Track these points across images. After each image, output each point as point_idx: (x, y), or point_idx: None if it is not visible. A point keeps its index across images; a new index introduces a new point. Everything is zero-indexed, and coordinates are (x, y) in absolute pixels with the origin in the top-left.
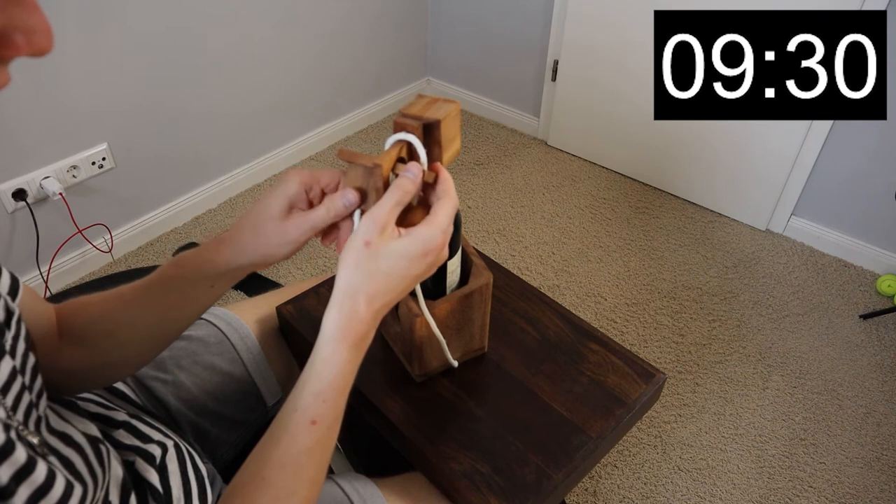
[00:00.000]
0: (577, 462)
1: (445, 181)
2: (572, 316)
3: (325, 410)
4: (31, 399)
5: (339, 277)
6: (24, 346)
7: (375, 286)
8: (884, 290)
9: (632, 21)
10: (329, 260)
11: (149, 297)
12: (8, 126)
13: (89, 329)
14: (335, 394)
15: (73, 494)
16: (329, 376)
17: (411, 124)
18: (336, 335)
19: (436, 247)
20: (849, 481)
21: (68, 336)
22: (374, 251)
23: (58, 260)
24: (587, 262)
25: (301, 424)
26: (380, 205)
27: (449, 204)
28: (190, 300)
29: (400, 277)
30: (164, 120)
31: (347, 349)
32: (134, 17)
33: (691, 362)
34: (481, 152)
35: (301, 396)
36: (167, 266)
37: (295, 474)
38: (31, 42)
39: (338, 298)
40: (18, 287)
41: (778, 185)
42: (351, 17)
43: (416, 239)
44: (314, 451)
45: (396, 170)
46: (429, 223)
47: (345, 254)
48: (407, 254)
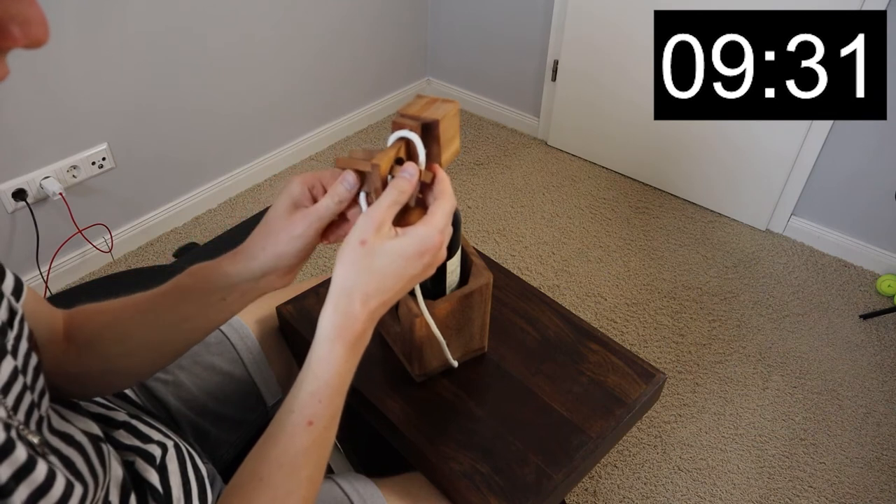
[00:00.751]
0: (577, 462)
1: (442, 181)
2: (572, 316)
3: (321, 410)
4: (33, 399)
5: (335, 276)
6: (26, 346)
7: (371, 285)
8: (884, 290)
9: (632, 21)
10: (329, 260)
11: (162, 306)
12: (8, 126)
13: (99, 335)
14: (331, 393)
15: (74, 494)
16: (325, 376)
17: (410, 124)
18: (331, 335)
19: (433, 246)
20: (849, 481)
21: (77, 341)
22: (369, 249)
23: (58, 260)
24: (587, 262)
25: (298, 425)
26: (377, 204)
27: (446, 204)
28: (202, 312)
29: (396, 277)
30: (164, 120)
31: (343, 348)
32: (134, 17)
33: (691, 362)
34: (481, 152)
35: (297, 396)
36: (182, 276)
37: (292, 474)
38: (27, 33)
39: (333, 297)
40: (22, 288)
41: (778, 185)
42: (351, 17)
43: (413, 238)
44: (311, 451)
45: (394, 172)
46: (426, 223)
47: (341, 252)
48: (403, 253)
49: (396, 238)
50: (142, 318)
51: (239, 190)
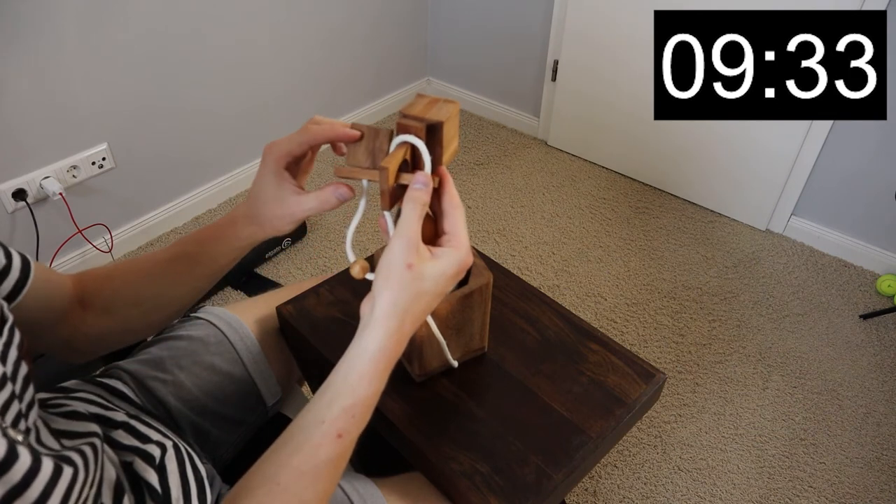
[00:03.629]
0: (577, 462)
1: (450, 190)
2: (572, 316)
3: (353, 425)
4: (21, 409)
5: (382, 298)
6: (16, 354)
7: (420, 307)
8: (884, 290)
9: (632, 21)
10: (329, 260)
11: (173, 271)
12: (8, 126)
13: (115, 300)
14: (365, 409)
15: (63, 475)
16: (363, 393)
17: (415, 126)
18: (376, 355)
19: (467, 265)
20: (849, 481)
21: (93, 306)
22: (418, 274)
23: (58, 260)
24: (587, 262)
25: (328, 436)
26: (406, 223)
27: (461, 217)
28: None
29: (438, 296)
30: (164, 120)
31: (386, 369)
32: (134, 17)
33: (691, 362)
34: (481, 152)
35: (330, 409)
36: (186, 243)
37: (312, 484)
38: None
39: (383, 319)
40: (22, 288)
41: (778, 185)
42: (351, 17)
43: (451, 260)
44: (334, 463)
45: (401, 180)
46: (456, 245)
47: (387, 275)
48: (445, 274)
49: (436, 260)
50: (152, 281)
51: (239, 190)
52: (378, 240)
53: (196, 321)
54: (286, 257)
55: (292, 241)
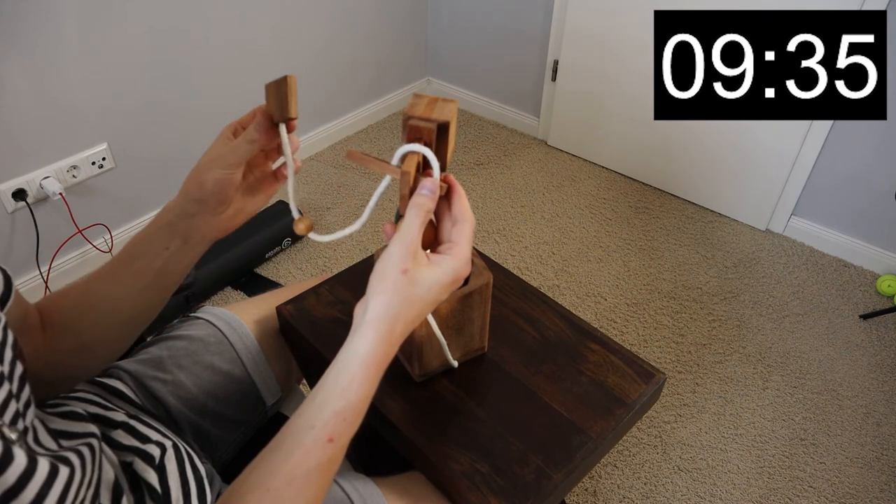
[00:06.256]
0: (577, 462)
1: (460, 200)
2: (572, 316)
3: (343, 429)
4: (18, 408)
5: (375, 302)
6: (11, 353)
7: (412, 313)
8: (884, 290)
9: (632, 20)
10: (329, 260)
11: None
12: (8, 126)
13: (68, 312)
14: (356, 414)
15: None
16: (353, 397)
17: (427, 127)
18: (367, 360)
19: (463, 275)
20: (849, 481)
21: (51, 326)
22: (411, 279)
23: (58, 260)
24: (587, 262)
25: (318, 441)
26: (407, 229)
27: (469, 229)
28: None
29: (432, 304)
30: (164, 120)
31: (377, 373)
32: (134, 17)
33: (691, 362)
34: (481, 152)
35: (321, 413)
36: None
37: (303, 490)
38: None
39: (374, 323)
40: (10, 294)
41: (778, 185)
42: (351, 17)
43: (448, 268)
44: (325, 467)
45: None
46: (456, 255)
47: (381, 279)
48: (440, 282)
49: (432, 267)
50: (101, 286)
51: None
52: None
53: (196, 321)
54: (286, 257)
55: (292, 241)
